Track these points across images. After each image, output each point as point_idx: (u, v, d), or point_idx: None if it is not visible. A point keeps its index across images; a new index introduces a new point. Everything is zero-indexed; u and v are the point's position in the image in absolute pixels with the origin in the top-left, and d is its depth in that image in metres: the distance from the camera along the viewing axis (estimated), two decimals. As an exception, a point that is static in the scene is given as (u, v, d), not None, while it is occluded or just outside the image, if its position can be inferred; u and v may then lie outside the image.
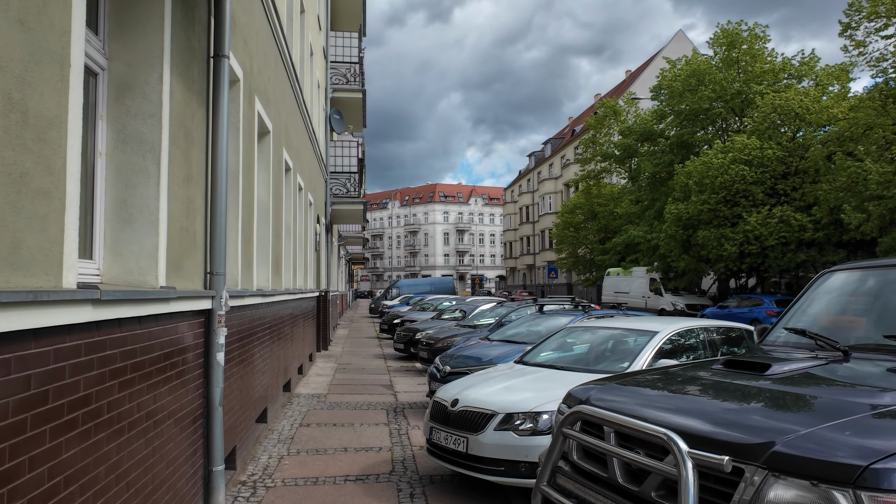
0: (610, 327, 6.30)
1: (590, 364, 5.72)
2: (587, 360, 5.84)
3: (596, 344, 6.10)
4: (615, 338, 6.06)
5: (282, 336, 8.91)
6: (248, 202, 6.31)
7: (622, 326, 6.21)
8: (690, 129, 25.55)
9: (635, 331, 5.95)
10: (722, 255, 20.70)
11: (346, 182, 19.10)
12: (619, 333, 6.07)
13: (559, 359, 6.09)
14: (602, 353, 5.91)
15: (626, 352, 5.70)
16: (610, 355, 5.82)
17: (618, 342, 5.98)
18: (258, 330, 6.85)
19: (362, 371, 12.98)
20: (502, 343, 8.91)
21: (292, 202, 10.16)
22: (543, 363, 5.97)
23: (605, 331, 6.25)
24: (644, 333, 5.78)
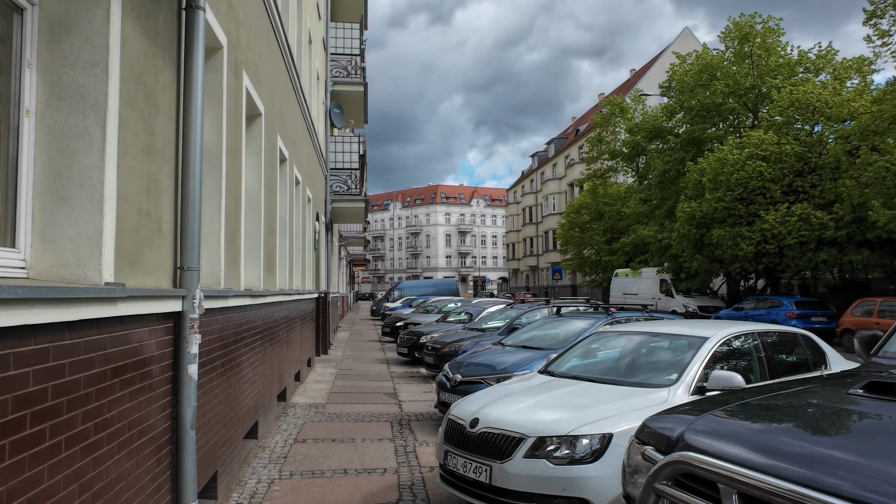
0: (646, 332, 5.50)
1: (628, 375, 4.92)
2: (624, 371, 5.04)
3: (632, 352, 5.30)
4: (654, 344, 5.26)
5: (276, 341, 8.13)
6: (233, 189, 5.53)
7: (661, 331, 5.40)
8: (702, 125, 24.73)
9: (679, 336, 5.15)
10: (737, 254, 19.87)
11: (346, 179, 18.33)
12: (659, 339, 5.27)
13: (590, 369, 5.29)
14: (641, 363, 5.11)
15: (670, 361, 4.90)
16: (650, 365, 5.02)
17: (658, 350, 5.18)
18: (247, 335, 6.06)
19: (364, 377, 12.19)
20: (518, 349, 8.11)
21: (288, 195, 9.38)
22: (572, 374, 5.17)
23: (640, 336, 5.45)
24: (690, 339, 4.98)
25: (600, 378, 4.90)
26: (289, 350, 9.46)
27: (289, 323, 9.37)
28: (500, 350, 8.28)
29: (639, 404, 4.22)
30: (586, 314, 9.29)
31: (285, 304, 8.91)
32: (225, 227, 5.15)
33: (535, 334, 8.59)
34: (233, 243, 5.52)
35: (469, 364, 7.79)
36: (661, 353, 5.09)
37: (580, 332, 7.97)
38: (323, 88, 17.35)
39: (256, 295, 6.31)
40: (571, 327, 8.33)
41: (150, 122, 3.36)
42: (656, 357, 5.08)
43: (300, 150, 11.17)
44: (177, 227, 3.82)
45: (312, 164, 13.74)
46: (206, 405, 4.54)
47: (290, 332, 9.49)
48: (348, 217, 20.48)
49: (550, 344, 8.00)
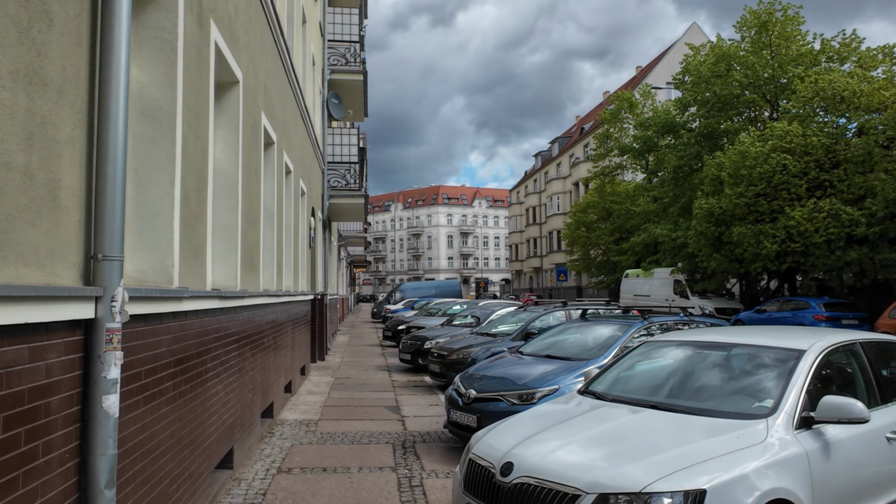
0: (714, 342, 4.35)
1: (702, 400, 3.77)
2: (694, 395, 3.90)
3: (699, 368, 4.16)
4: (728, 359, 4.11)
5: (259, 349, 7.01)
6: (195, 164, 4.41)
7: (736, 341, 4.25)
8: (717, 118, 23.56)
9: (763, 348, 4.01)
10: (759, 253, 18.72)
11: (345, 174, 17.21)
12: (734, 352, 4.13)
13: (649, 390, 4.15)
14: (714, 384, 3.97)
15: (756, 382, 3.77)
16: (728, 387, 3.89)
17: (734, 366, 4.04)
18: (215, 345, 4.94)
19: (363, 387, 11.06)
20: (539, 359, 6.98)
21: (276, 183, 8.26)
22: (627, 397, 4.03)
23: (707, 349, 4.31)
24: (780, 352, 3.84)
25: (666, 404, 3.77)
26: (277, 359, 8.35)
27: (277, 328, 8.25)
28: (519, 360, 7.15)
29: (730, 444, 3.09)
30: (614, 318, 8.15)
31: (272, 307, 7.80)
32: (181, 209, 4.03)
33: (559, 341, 7.45)
34: (194, 231, 4.40)
35: (484, 377, 6.66)
36: (739, 371, 3.96)
37: (612, 339, 6.85)
38: (319, 76, 16.25)
39: (229, 296, 5.18)
40: (600, 334, 7.20)
41: (29, 34, 2.24)
42: (734, 376, 3.94)
43: (291, 135, 10.06)
44: (90, 201, 2.70)
45: (307, 154, 12.63)
46: (149, 441, 3.42)
47: (278, 338, 8.38)
48: (347, 214, 19.36)
49: (577, 353, 6.88)
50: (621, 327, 7.06)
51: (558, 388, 6.01)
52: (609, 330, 7.13)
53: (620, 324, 7.22)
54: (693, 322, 7.59)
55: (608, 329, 7.18)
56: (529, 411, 4.20)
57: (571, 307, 11.75)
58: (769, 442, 3.12)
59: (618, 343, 6.69)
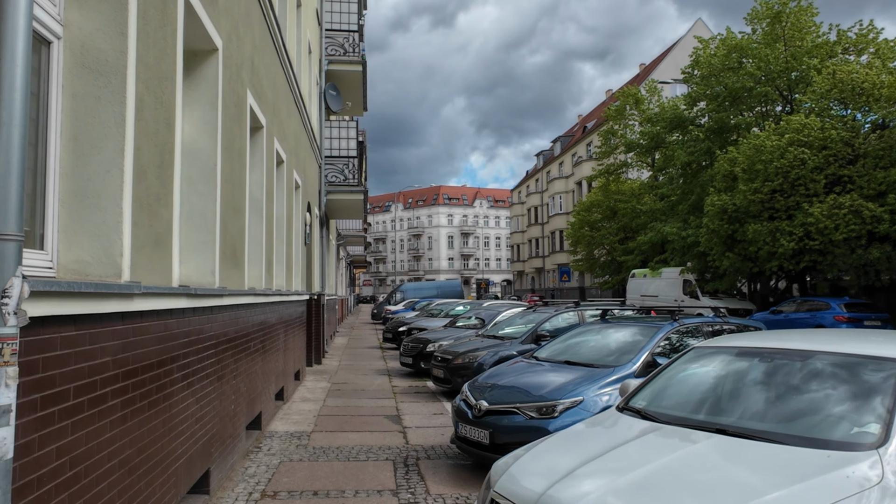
0: (789, 350, 3.57)
1: (783, 423, 3.00)
2: (772, 416, 3.12)
3: (772, 383, 3.39)
4: (810, 372, 3.35)
5: (245, 354, 6.28)
6: (154, 134, 3.67)
7: (817, 349, 3.47)
8: (728, 112, 22.79)
9: (853, 357, 3.24)
10: (775, 251, 17.97)
11: (343, 168, 16.48)
12: (818, 363, 3.36)
13: (710, 409, 3.39)
14: (797, 403, 3.19)
15: (853, 402, 3.01)
16: (816, 406, 3.12)
17: (817, 380, 3.28)
18: (184, 352, 4.20)
19: (361, 394, 10.31)
20: (557, 365, 6.23)
21: (264, 171, 7.52)
22: (681, 418, 3.27)
23: (776, 358, 3.54)
24: (880, 364, 3.09)
25: (735, 428, 3.01)
26: (266, 364, 7.60)
27: (266, 331, 7.51)
28: (534, 366, 6.40)
29: (838, 488, 2.34)
30: (638, 319, 7.39)
31: (260, 308, 7.05)
32: (135, 186, 3.29)
33: (578, 346, 6.70)
34: (154, 216, 3.66)
35: (496, 386, 5.92)
36: (825, 387, 3.20)
37: (639, 343, 6.10)
38: (316, 66, 15.53)
39: (203, 294, 4.44)
40: (625, 337, 6.45)
41: None
42: (820, 393, 3.18)
43: (283, 122, 9.32)
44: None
45: (302, 146, 11.90)
46: (81, 478, 2.68)
47: (267, 341, 7.63)
48: (346, 211, 18.62)
49: (600, 359, 6.13)
50: (649, 330, 6.31)
51: (582, 400, 5.26)
52: (635, 333, 6.38)
53: (647, 326, 6.47)
54: (727, 324, 6.85)
55: (634, 332, 6.43)
56: (562, 434, 3.43)
57: (584, 308, 11.01)
58: (887, 484, 2.38)
59: (647, 348, 5.94)
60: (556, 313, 10.74)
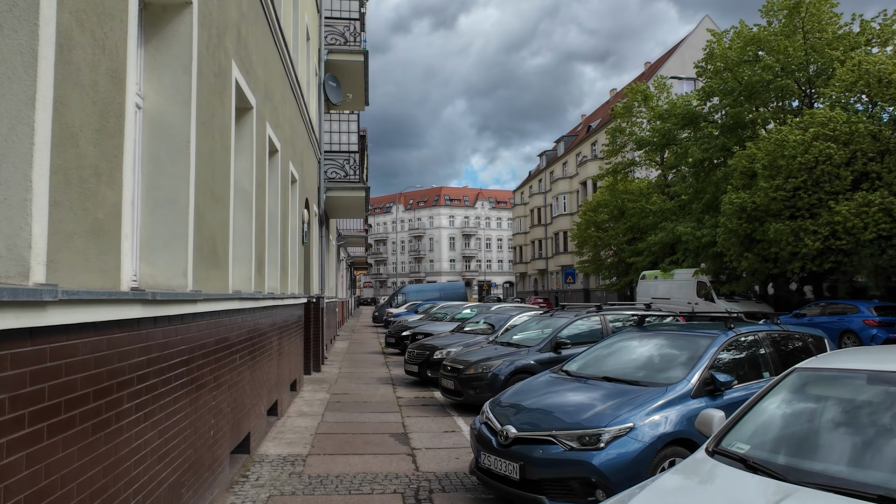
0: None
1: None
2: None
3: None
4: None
5: (229, 368, 5.37)
6: (93, 86, 2.76)
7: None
8: (744, 107, 21.85)
9: None
10: (798, 252, 17.05)
11: (343, 164, 15.58)
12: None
13: (865, 462, 2.46)
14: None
15: None
16: None
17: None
18: (138, 374, 3.29)
19: (363, 407, 9.40)
20: (594, 383, 5.31)
21: (253, 158, 6.61)
22: (830, 479, 2.34)
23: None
24: None
25: None
26: (257, 377, 6.70)
27: (255, 339, 6.60)
28: (565, 382, 5.48)
29: None
30: (680, 327, 6.47)
31: (248, 314, 6.14)
32: (57, 152, 2.39)
33: (614, 358, 5.79)
34: (91, 196, 2.75)
35: (524, 408, 5.01)
36: None
37: (692, 356, 5.19)
38: (315, 55, 14.64)
39: (168, 300, 3.54)
40: (670, 349, 5.54)
41: None
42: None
43: (278, 107, 8.42)
44: None
45: (299, 137, 11.00)
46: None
47: (257, 351, 6.72)
48: (347, 210, 17.71)
49: (647, 375, 5.22)
50: (700, 340, 5.39)
51: (632, 428, 4.36)
52: (683, 344, 5.47)
53: (697, 335, 5.55)
54: (784, 328, 5.94)
55: (682, 342, 5.52)
56: (653, 494, 2.50)
57: (607, 312, 10.09)
58: None
59: (702, 362, 5.03)
60: (575, 318, 9.83)
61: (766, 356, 5.49)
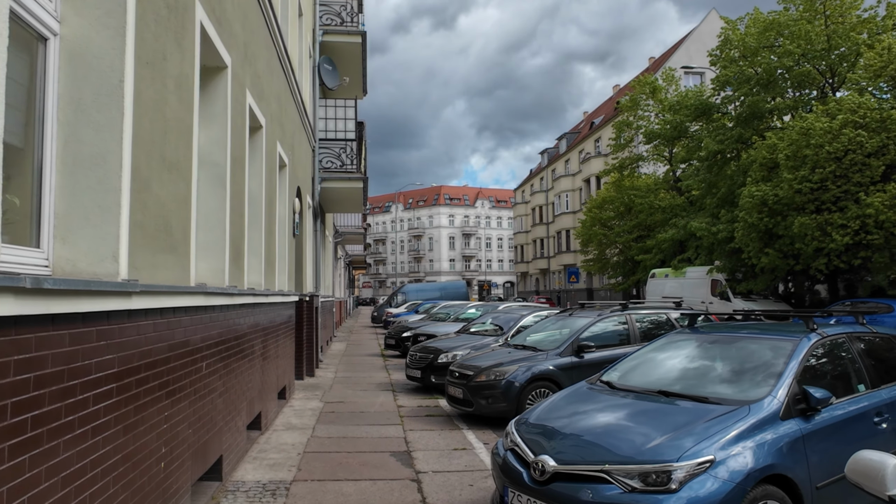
0: None
1: None
2: None
3: None
4: None
5: (193, 381, 4.32)
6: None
7: None
8: (762, 96, 20.77)
9: None
10: (823, 247, 16.01)
11: (340, 153, 14.51)
12: None
13: None
14: None
15: None
16: None
17: None
18: (36, 401, 2.22)
19: (360, 418, 8.33)
20: (649, 398, 4.24)
21: (228, 128, 5.53)
22: None
23: None
24: None
25: None
26: (232, 387, 5.64)
27: (229, 343, 5.53)
28: (610, 397, 4.41)
29: None
30: (745, 328, 5.38)
31: (217, 313, 5.08)
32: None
33: (667, 366, 4.72)
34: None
35: (562, 432, 3.94)
36: None
37: (770, 365, 4.13)
38: (309, 34, 13.58)
39: (69, 291, 2.47)
40: (738, 355, 4.48)
41: None
42: None
43: (262, 76, 7.35)
44: None
45: (289, 116, 9.94)
46: None
47: (232, 357, 5.66)
48: (343, 203, 16.64)
49: (719, 390, 4.14)
50: (778, 345, 4.33)
51: (713, 462, 3.29)
52: (755, 349, 4.41)
53: (773, 338, 4.48)
54: (879, 334, 4.89)
55: (753, 347, 4.46)
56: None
57: (633, 310, 9.03)
58: None
59: (787, 373, 3.97)
60: (598, 318, 8.76)
61: (858, 364, 4.43)
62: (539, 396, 7.79)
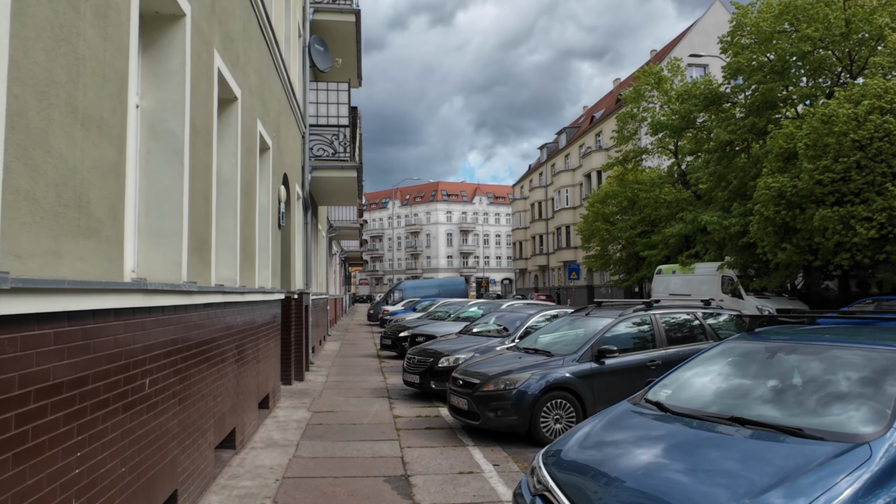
0: None
1: None
2: None
3: None
4: None
5: (124, 405, 3.34)
6: None
7: None
8: (776, 83, 19.79)
9: None
10: (845, 242, 15.09)
11: (332, 140, 13.50)
12: None
13: None
14: None
15: None
16: None
17: None
18: None
19: (351, 432, 7.36)
20: (721, 428, 3.25)
21: (184, 88, 4.52)
22: None
23: None
24: None
25: None
26: (197, 403, 4.67)
27: (193, 352, 4.55)
28: (667, 425, 3.43)
29: None
30: (820, 333, 4.41)
31: (166, 315, 4.09)
32: None
33: (738, 387, 3.74)
34: None
35: (613, 480, 2.96)
36: None
37: (884, 387, 3.15)
38: (300, 11, 12.58)
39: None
40: (831, 372, 3.50)
41: None
42: None
43: (237, 41, 6.35)
44: None
45: (273, 94, 8.93)
46: None
47: (195, 369, 4.68)
48: (337, 195, 15.65)
49: (820, 421, 3.16)
50: (892, 356, 3.35)
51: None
52: (863, 363, 3.43)
53: (878, 349, 3.50)
54: None
55: (858, 360, 3.48)
56: None
57: (657, 310, 8.06)
58: None
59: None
60: (620, 318, 7.79)
61: None
62: (555, 408, 6.84)
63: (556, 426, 6.82)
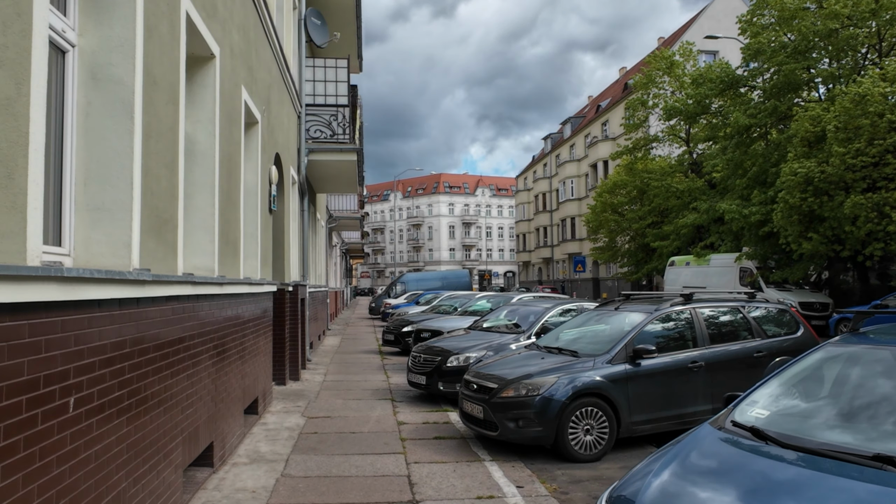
0: None
1: None
2: None
3: None
4: None
5: (63, 424, 2.42)
6: None
7: None
8: (799, 63, 18.74)
9: None
10: (877, 230, 14.13)
11: (330, 121, 12.53)
12: None
13: None
14: None
15: None
16: None
17: None
18: None
19: (350, 442, 6.45)
20: (859, 468, 2.34)
21: (135, 28, 3.57)
22: None
23: None
24: None
25: None
26: (153, 421, 3.76)
27: (150, 357, 3.64)
28: (781, 468, 2.47)
29: None
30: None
31: (115, 313, 3.17)
32: None
33: (861, 405, 2.81)
34: None
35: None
36: None
37: None
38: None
39: None
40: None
41: None
42: None
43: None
44: None
45: (263, 63, 7.98)
46: None
47: (152, 378, 3.77)
48: (336, 180, 14.68)
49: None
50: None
51: None
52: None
53: None
54: None
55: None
56: None
57: (697, 304, 7.12)
58: None
59: None
60: (654, 313, 6.85)
61: None
62: (585, 417, 5.92)
63: (586, 438, 5.90)
